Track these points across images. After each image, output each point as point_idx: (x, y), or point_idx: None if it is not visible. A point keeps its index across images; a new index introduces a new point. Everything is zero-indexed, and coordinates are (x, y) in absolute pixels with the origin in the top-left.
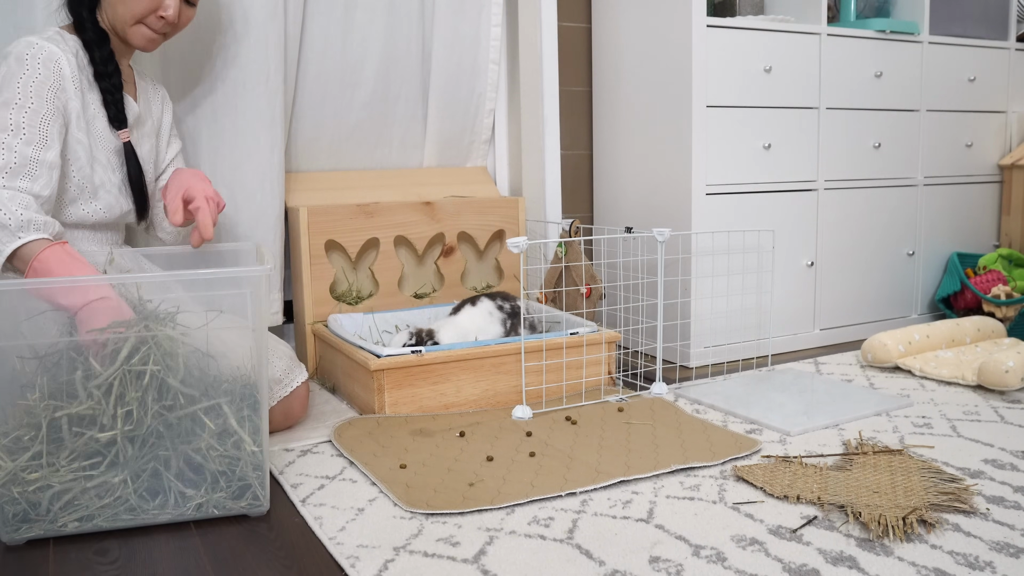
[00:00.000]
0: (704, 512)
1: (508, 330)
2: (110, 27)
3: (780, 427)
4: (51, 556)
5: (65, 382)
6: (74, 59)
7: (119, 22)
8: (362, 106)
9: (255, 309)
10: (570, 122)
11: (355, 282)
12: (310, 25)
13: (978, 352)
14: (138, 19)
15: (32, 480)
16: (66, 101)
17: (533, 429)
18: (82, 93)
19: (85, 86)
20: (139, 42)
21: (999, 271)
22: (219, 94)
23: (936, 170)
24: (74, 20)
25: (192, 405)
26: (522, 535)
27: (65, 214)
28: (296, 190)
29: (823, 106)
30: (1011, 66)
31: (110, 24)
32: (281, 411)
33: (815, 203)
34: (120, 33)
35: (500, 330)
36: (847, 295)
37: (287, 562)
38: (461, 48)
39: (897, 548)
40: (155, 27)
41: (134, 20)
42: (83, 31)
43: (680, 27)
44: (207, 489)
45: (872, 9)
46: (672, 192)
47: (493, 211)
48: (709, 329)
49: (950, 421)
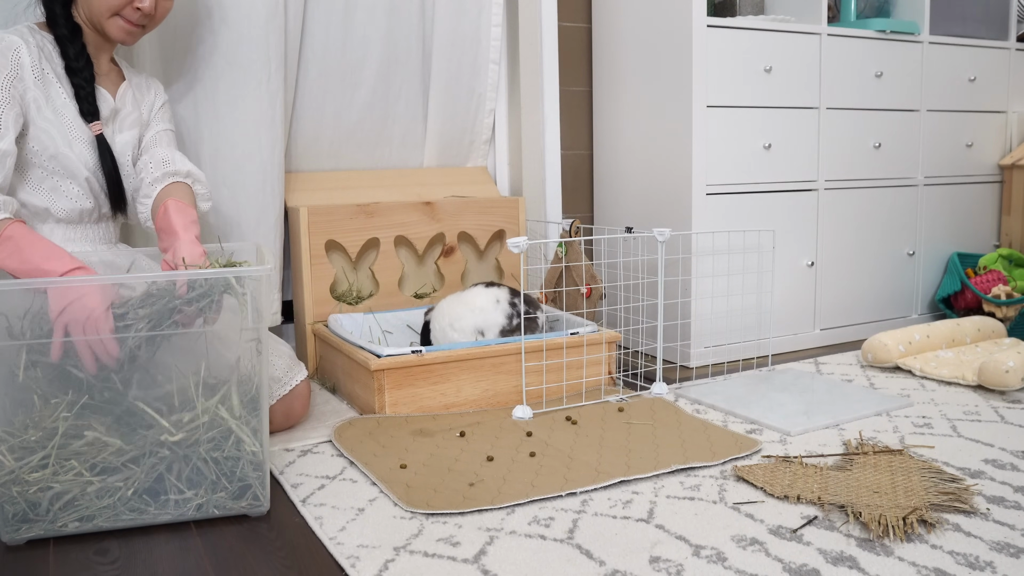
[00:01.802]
0: (704, 512)
1: (511, 325)
2: (87, 21)
3: (780, 427)
4: (51, 556)
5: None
6: (37, 51)
7: (95, 15)
8: (362, 106)
9: (255, 309)
10: (570, 122)
11: (355, 282)
12: (310, 25)
13: (978, 352)
14: (114, 11)
15: (33, 480)
16: (23, 91)
17: (533, 429)
18: (45, 84)
19: (51, 78)
20: (117, 35)
21: (999, 271)
22: (220, 94)
23: (936, 170)
24: (47, 15)
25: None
26: (522, 535)
27: (39, 204)
28: (296, 190)
29: (823, 106)
30: (1011, 66)
31: (87, 18)
32: (282, 411)
33: (815, 203)
34: (97, 27)
35: (502, 321)
36: (847, 295)
37: (287, 562)
38: (461, 48)
39: (897, 548)
40: (132, 19)
41: (110, 13)
42: (55, 26)
43: (680, 27)
44: (207, 489)
45: (872, 9)
46: (672, 192)
47: (493, 211)
48: (709, 329)
49: (950, 421)
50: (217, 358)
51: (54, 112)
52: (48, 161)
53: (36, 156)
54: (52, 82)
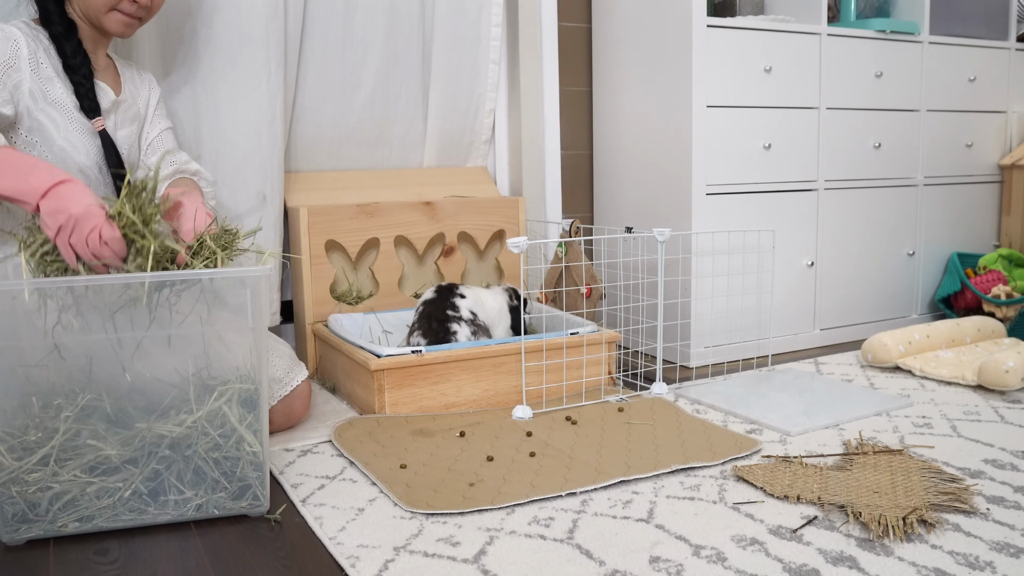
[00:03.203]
0: (704, 512)
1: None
2: (82, 16)
3: (780, 427)
4: (51, 556)
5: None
6: (36, 44)
7: (92, 11)
8: (362, 106)
9: (255, 309)
10: (570, 122)
11: (355, 282)
12: (310, 25)
13: (978, 352)
14: (111, 6)
15: (32, 480)
16: (19, 81)
17: (533, 429)
18: (44, 78)
19: (50, 72)
20: (116, 28)
21: (999, 271)
22: (220, 94)
23: (936, 170)
24: (40, 12)
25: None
26: (522, 535)
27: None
28: (296, 190)
29: (823, 106)
30: (1011, 66)
31: (82, 13)
32: (282, 411)
33: (815, 203)
34: (95, 21)
35: (508, 324)
36: (847, 295)
37: (287, 562)
38: (461, 48)
39: (897, 548)
40: (129, 11)
41: (108, 8)
42: (50, 23)
43: (680, 27)
44: (207, 489)
45: (872, 9)
46: (672, 192)
47: (493, 211)
48: (709, 329)
49: (950, 421)
50: (218, 358)
51: (53, 106)
52: (47, 153)
53: (35, 148)
54: (50, 77)
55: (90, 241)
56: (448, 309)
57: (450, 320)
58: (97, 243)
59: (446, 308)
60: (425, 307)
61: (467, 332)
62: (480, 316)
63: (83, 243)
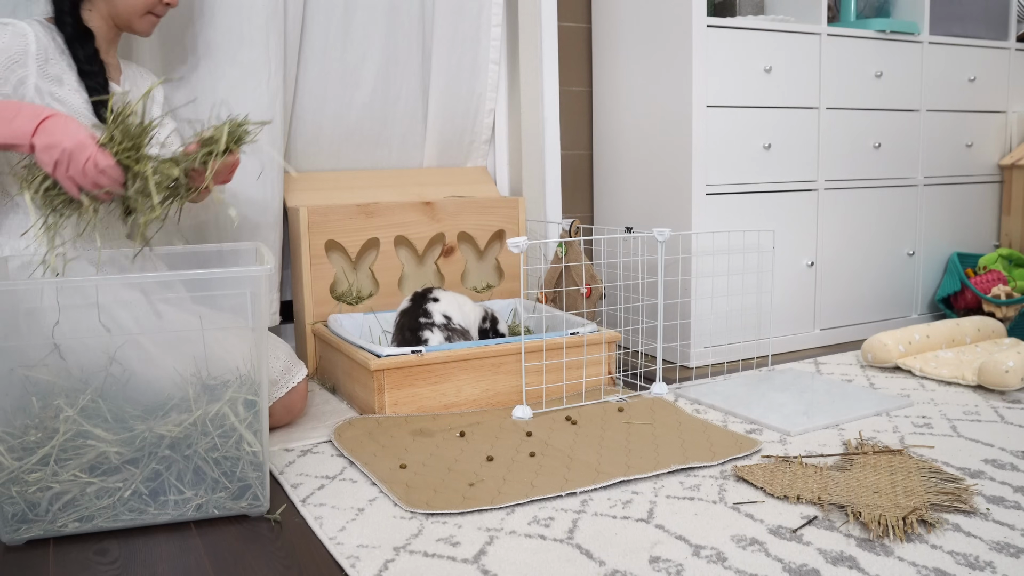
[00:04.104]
0: (704, 512)
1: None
2: (106, 19)
3: (780, 427)
4: (51, 556)
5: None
6: (48, 41)
7: (126, 15)
8: (362, 106)
9: (255, 309)
10: (570, 122)
11: (355, 282)
12: (310, 25)
13: (978, 352)
14: (148, 9)
15: (32, 480)
16: (24, 77)
17: (533, 429)
18: (49, 75)
19: (59, 72)
20: (146, 29)
21: (999, 271)
22: (220, 94)
23: (936, 170)
24: (55, 15)
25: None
26: (522, 535)
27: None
28: (296, 190)
29: (823, 106)
30: (1011, 66)
31: (108, 17)
32: (283, 406)
33: (815, 203)
34: (125, 24)
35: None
36: (847, 295)
37: (287, 562)
38: (461, 48)
39: (897, 548)
40: (162, 13)
41: (145, 11)
42: (63, 26)
43: (680, 27)
44: (207, 489)
45: (872, 9)
46: (672, 192)
47: (493, 211)
48: (709, 329)
49: (950, 421)
50: (217, 358)
51: (61, 104)
52: None
53: None
54: (59, 77)
55: (87, 171)
56: (420, 316)
57: (421, 328)
58: (94, 172)
59: (418, 316)
60: (400, 317)
61: (440, 338)
62: (456, 319)
63: (81, 174)
